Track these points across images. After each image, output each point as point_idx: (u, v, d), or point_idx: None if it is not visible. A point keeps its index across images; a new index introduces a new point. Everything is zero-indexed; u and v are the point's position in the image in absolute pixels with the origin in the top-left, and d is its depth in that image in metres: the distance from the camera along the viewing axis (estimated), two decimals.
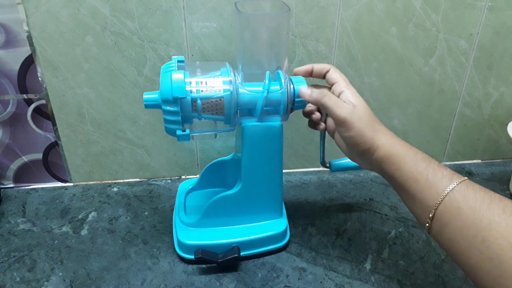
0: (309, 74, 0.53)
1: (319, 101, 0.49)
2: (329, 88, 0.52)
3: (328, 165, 0.59)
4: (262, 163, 0.55)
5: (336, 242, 0.62)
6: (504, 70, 0.71)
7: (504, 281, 0.34)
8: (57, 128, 0.68)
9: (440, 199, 0.39)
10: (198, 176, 0.73)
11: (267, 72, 0.50)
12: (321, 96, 0.48)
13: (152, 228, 0.64)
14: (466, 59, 0.70)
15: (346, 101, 0.48)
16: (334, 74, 0.51)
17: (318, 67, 0.53)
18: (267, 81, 0.50)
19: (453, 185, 0.39)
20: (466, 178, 0.41)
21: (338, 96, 0.49)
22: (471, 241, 0.37)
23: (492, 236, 0.35)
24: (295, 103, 0.52)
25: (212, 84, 0.49)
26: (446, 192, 0.39)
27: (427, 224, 0.41)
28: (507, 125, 0.70)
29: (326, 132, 0.54)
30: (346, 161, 0.58)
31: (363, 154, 0.47)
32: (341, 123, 0.47)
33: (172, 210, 0.67)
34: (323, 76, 0.53)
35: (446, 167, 0.42)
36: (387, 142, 0.45)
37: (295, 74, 0.53)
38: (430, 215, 0.40)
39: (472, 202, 0.37)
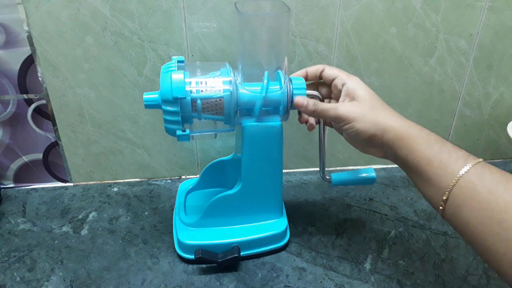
0: (305, 79, 0.53)
1: (316, 112, 0.49)
2: (329, 87, 0.52)
3: (328, 178, 0.58)
4: (262, 163, 0.55)
5: (336, 242, 0.62)
6: (504, 70, 0.71)
7: None
8: (57, 128, 0.68)
9: (455, 181, 0.38)
10: (198, 176, 0.73)
11: (266, 72, 0.50)
12: (314, 107, 0.49)
13: (152, 228, 0.64)
14: (466, 59, 0.70)
15: (349, 93, 0.48)
16: (331, 70, 0.52)
17: (312, 69, 0.53)
18: (265, 81, 0.50)
19: (469, 167, 0.38)
20: (481, 159, 0.39)
21: (342, 88, 0.50)
22: (487, 223, 0.36)
23: (509, 217, 0.34)
24: (293, 104, 0.52)
25: (212, 84, 0.49)
26: (461, 173, 0.38)
27: (441, 207, 0.40)
28: (506, 125, 0.70)
29: (325, 144, 0.56)
30: (347, 174, 0.58)
31: (371, 140, 0.46)
32: (340, 120, 0.47)
33: (172, 210, 0.67)
34: (320, 77, 0.53)
35: (461, 148, 0.41)
36: (396, 125, 0.45)
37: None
38: (444, 197, 0.39)
39: (489, 183, 0.37)
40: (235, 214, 0.58)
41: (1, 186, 0.71)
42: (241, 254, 0.56)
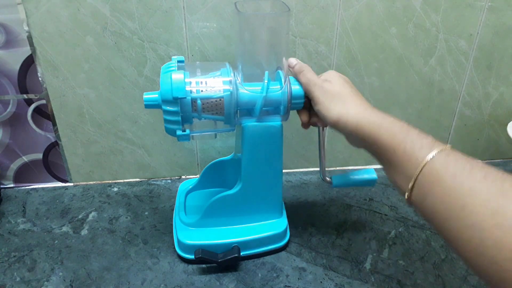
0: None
1: (297, 75, 0.52)
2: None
3: (329, 179, 0.58)
4: (262, 163, 0.55)
5: (336, 242, 0.62)
6: (504, 70, 0.71)
7: (485, 250, 0.32)
8: (57, 128, 0.68)
9: (419, 170, 0.38)
10: (198, 176, 0.73)
11: (266, 72, 0.50)
12: (299, 71, 0.52)
13: (152, 228, 0.64)
14: (466, 59, 0.70)
15: (323, 77, 0.51)
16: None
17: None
18: (266, 81, 0.50)
19: (433, 154, 0.38)
20: (448, 146, 0.39)
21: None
22: (451, 209, 0.35)
23: (472, 203, 0.34)
24: (292, 103, 0.52)
25: (212, 84, 0.49)
26: (425, 162, 0.38)
27: (406, 195, 0.40)
28: (506, 125, 0.70)
29: (325, 146, 0.56)
30: (348, 176, 0.58)
31: (336, 128, 0.48)
32: (312, 99, 0.50)
33: (172, 210, 0.67)
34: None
35: (428, 135, 0.41)
36: (357, 114, 0.46)
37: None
38: (410, 185, 0.39)
39: (453, 170, 0.36)
40: (235, 214, 0.58)
41: (1, 186, 0.71)
42: (241, 254, 0.56)
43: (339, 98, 0.48)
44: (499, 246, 0.31)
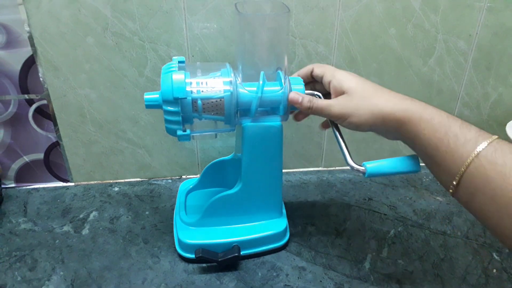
0: (310, 77, 0.54)
1: (311, 109, 0.49)
2: (321, 84, 0.52)
3: (362, 168, 0.48)
4: (262, 163, 0.56)
5: (336, 241, 0.62)
6: (503, 70, 0.72)
7: None
8: (58, 128, 0.68)
9: (464, 168, 0.36)
10: (198, 175, 0.73)
11: (262, 73, 0.50)
12: (309, 106, 0.48)
13: (153, 227, 0.64)
14: (465, 60, 0.70)
15: (337, 90, 0.47)
16: (319, 69, 0.51)
17: (302, 72, 0.54)
18: (261, 82, 0.50)
19: (478, 150, 0.36)
20: (495, 137, 0.36)
21: (328, 86, 0.49)
22: (503, 211, 0.33)
23: None
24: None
25: (212, 85, 0.49)
26: (469, 160, 0.36)
27: (451, 191, 0.38)
28: (505, 125, 0.70)
29: (342, 136, 0.51)
30: (385, 165, 0.48)
31: (374, 130, 0.45)
32: (336, 117, 0.47)
33: (173, 209, 0.67)
34: (311, 77, 0.53)
35: (471, 126, 0.39)
36: (394, 110, 0.43)
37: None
38: (454, 183, 0.37)
39: (501, 168, 0.34)
40: (235, 214, 0.59)
41: (3, 186, 0.72)
42: (241, 253, 0.56)
43: (368, 99, 0.44)
44: None
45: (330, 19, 0.64)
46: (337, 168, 0.79)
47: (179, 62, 0.51)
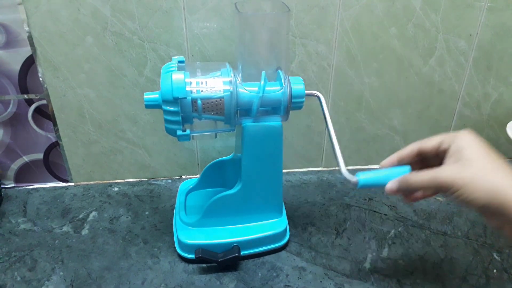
0: (400, 164, 0.47)
1: (411, 186, 0.42)
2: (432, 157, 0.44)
3: (354, 180, 0.48)
4: (262, 163, 0.56)
5: (336, 241, 0.62)
6: (503, 70, 0.72)
7: None
8: (57, 128, 0.68)
9: None
10: (198, 176, 0.73)
11: (263, 73, 0.50)
12: (407, 184, 0.42)
13: (152, 227, 0.64)
14: (466, 60, 0.70)
15: (454, 154, 0.41)
16: (431, 142, 0.44)
17: (403, 154, 0.46)
18: (262, 82, 0.50)
19: None
20: None
21: (444, 154, 0.42)
22: None
23: None
24: (292, 103, 0.52)
25: (212, 85, 0.49)
26: None
27: None
28: (506, 125, 0.70)
29: (336, 142, 0.49)
30: (378, 173, 0.48)
31: (485, 211, 0.38)
32: (444, 188, 0.39)
33: (173, 209, 0.67)
34: (418, 156, 0.46)
35: None
36: None
37: (383, 166, 0.48)
38: None
39: None
40: (235, 214, 0.59)
41: (2, 186, 0.71)
42: (241, 253, 0.56)
43: (486, 174, 0.38)
44: None
45: (330, 19, 0.64)
46: (337, 168, 0.79)
47: (179, 62, 0.51)
